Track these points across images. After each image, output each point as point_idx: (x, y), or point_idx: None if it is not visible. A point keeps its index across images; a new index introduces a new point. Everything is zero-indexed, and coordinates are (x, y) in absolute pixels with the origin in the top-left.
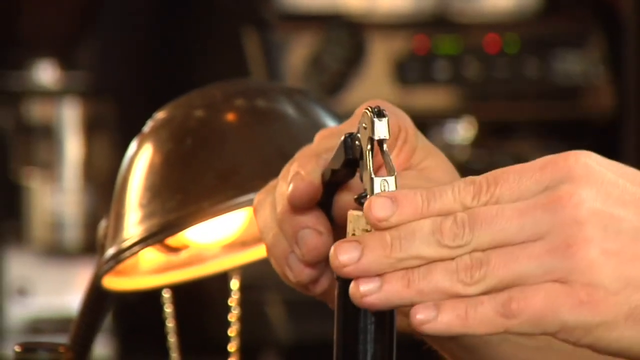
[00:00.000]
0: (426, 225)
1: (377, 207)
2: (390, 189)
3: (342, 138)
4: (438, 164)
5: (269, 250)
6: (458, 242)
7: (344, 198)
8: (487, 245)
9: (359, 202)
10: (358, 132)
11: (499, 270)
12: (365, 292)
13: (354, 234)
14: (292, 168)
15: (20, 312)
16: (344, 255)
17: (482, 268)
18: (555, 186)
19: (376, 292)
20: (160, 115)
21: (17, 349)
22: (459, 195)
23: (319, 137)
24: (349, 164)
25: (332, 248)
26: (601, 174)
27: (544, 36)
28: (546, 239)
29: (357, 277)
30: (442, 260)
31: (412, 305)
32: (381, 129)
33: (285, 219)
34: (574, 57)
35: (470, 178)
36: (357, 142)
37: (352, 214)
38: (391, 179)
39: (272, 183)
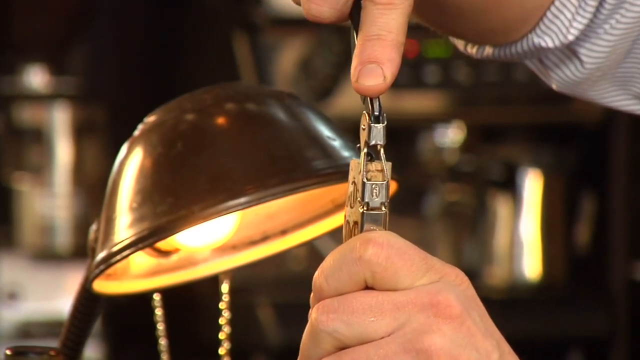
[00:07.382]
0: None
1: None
2: (381, 194)
3: None
4: None
5: None
6: None
7: None
8: None
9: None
10: None
11: None
12: None
13: (353, 182)
14: None
15: (10, 316)
16: None
17: None
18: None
19: None
20: (150, 119)
21: (8, 352)
22: None
23: None
24: None
25: None
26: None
27: None
28: None
29: None
30: None
31: None
32: (378, 134)
33: None
34: None
35: None
36: None
37: (355, 162)
38: (383, 184)
39: None
